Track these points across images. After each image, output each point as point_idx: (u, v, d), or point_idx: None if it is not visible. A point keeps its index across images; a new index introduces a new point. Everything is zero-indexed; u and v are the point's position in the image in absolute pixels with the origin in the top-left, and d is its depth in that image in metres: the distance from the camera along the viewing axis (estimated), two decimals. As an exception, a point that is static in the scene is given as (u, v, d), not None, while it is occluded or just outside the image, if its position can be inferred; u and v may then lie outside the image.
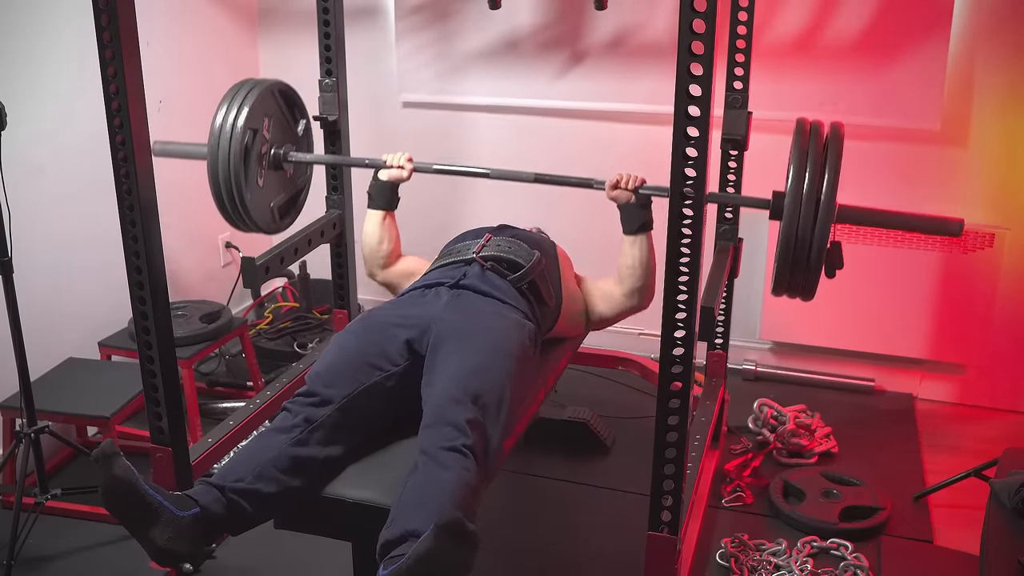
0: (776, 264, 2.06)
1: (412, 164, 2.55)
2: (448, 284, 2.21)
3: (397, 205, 2.61)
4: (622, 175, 2.35)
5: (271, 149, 2.54)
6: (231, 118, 2.40)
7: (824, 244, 1.99)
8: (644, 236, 2.37)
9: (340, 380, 1.93)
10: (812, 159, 2.00)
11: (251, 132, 2.42)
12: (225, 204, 2.45)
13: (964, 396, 3.33)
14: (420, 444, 1.79)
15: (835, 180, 1.99)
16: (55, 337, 2.86)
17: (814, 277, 2.04)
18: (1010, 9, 2.96)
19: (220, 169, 2.40)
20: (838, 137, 2.04)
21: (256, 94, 2.43)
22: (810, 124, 2.08)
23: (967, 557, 2.42)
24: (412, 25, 3.56)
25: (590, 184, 2.41)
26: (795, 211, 1.99)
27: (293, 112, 2.65)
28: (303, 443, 1.85)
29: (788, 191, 2.01)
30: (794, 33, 3.13)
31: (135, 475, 1.62)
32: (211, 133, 2.40)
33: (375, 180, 2.58)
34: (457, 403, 1.81)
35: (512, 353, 1.98)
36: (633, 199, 2.34)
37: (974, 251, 3.12)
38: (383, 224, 2.57)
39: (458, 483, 1.70)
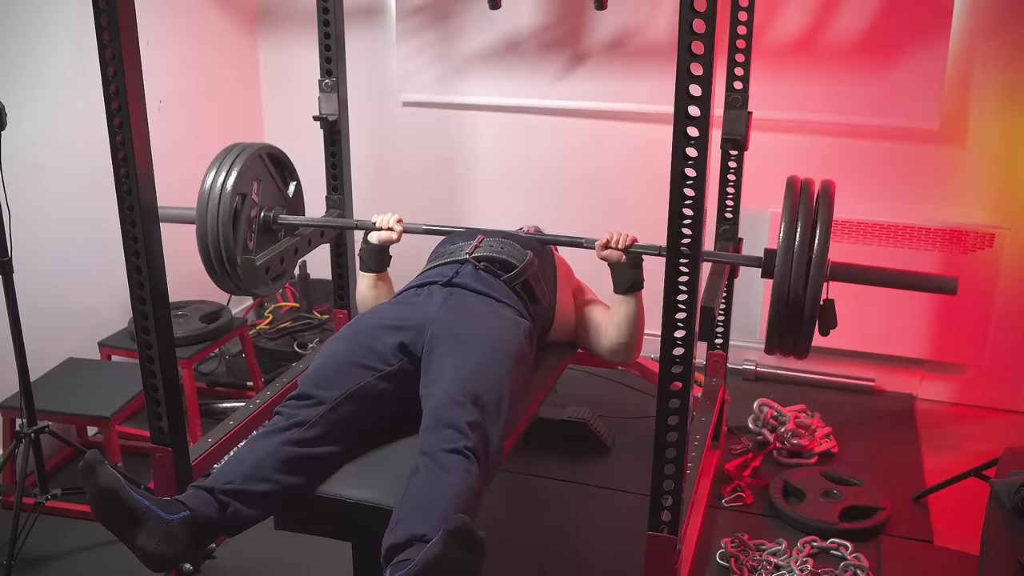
0: (768, 323, 2.05)
1: (401, 226, 2.50)
2: (441, 283, 2.20)
3: (389, 265, 2.57)
4: (612, 234, 2.30)
5: (260, 212, 2.53)
6: (219, 182, 2.38)
7: (816, 302, 1.98)
8: (633, 296, 2.34)
9: (332, 382, 1.93)
10: (803, 217, 1.99)
11: (239, 196, 2.41)
12: (214, 267, 2.43)
13: (964, 396, 3.33)
14: (420, 445, 1.79)
15: (826, 238, 1.97)
16: (55, 337, 2.86)
17: (807, 336, 2.03)
18: (1009, 10, 2.96)
19: (210, 233, 2.39)
20: (829, 195, 2.03)
21: (244, 158, 2.42)
22: (800, 183, 2.08)
23: (967, 557, 2.42)
24: (413, 26, 3.56)
25: (580, 243, 2.36)
26: (786, 269, 1.98)
27: (283, 175, 2.64)
28: (295, 443, 1.85)
29: (779, 249, 2.00)
30: (794, 33, 3.13)
31: (120, 483, 1.62)
32: (200, 197, 2.39)
33: (365, 243, 2.54)
34: (457, 404, 1.81)
35: (510, 353, 1.98)
36: (624, 259, 2.29)
37: (974, 251, 3.13)
38: (376, 287, 2.54)
39: (461, 486, 1.69)
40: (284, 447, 1.83)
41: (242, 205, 2.42)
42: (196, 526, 1.70)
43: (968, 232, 3.12)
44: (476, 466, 1.75)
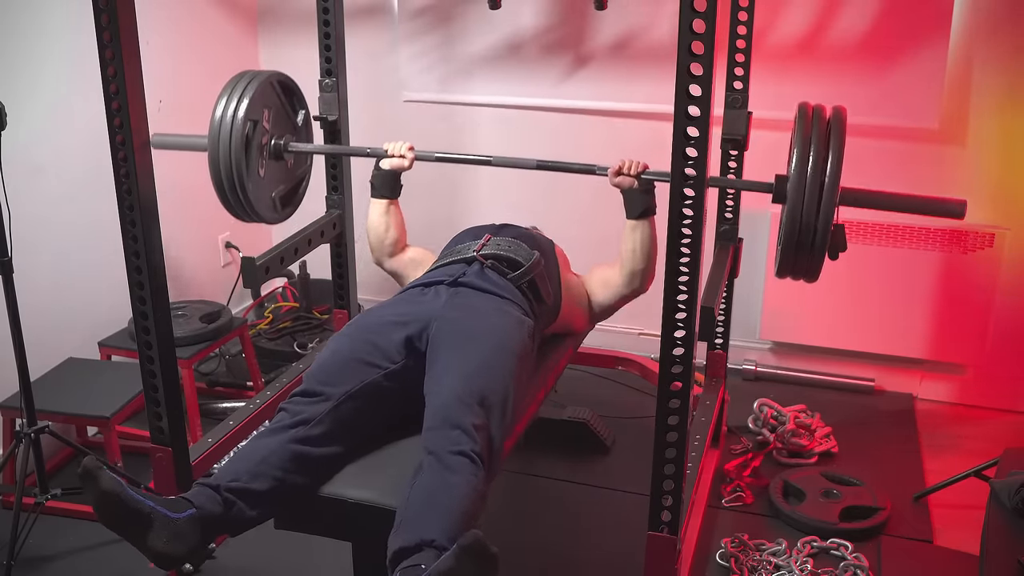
0: (780, 247, 2.07)
1: (413, 153, 2.55)
2: (447, 282, 2.21)
3: (400, 193, 2.62)
4: (624, 161, 2.36)
5: (271, 140, 2.55)
6: (231, 109, 2.40)
7: (828, 227, 1.99)
8: (646, 221, 2.39)
9: (337, 379, 1.93)
10: (815, 142, 2.01)
11: (251, 123, 2.43)
12: (227, 195, 2.46)
13: (964, 396, 3.33)
14: (425, 444, 1.79)
15: (838, 163, 1.99)
16: (55, 337, 2.86)
17: (818, 260, 2.05)
18: (1008, 10, 2.96)
19: (221, 160, 2.41)
20: (840, 120, 2.04)
21: (255, 85, 2.44)
22: (812, 108, 2.09)
23: (967, 557, 2.42)
24: (416, 28, 3.56)
25: (592, 170, 2.41)
26: (799, 194, 1.99)
27: (292, 103, 2.66)
28: (300, 441, 1.84)
29: (791, 174, 2.01)
30: (794, 33, 3.13)
31: (122, 486, 1.62)
32: (211, 125, 2.41)
33: (377, 170, 2.59)
34: (463, 405, 1.81)
35: (515, 352, 1.99)
36: (636, 185, 2.35)
37: (974, 251, 3.13)
38: (387, 213, 2.59)
39: (468, 489, 1.69)
40: (289, 445, 1.83)
41: (253, 133, 2.44)
42: (203, 524, 1.70)
43: (968, 232, 3.12)
44: (481, 469, 1.75)
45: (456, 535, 1.57)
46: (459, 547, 1.51)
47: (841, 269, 3.26)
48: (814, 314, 3.36)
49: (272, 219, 2.62)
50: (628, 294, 2.49)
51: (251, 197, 2.46)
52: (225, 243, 3.73)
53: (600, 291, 2.52)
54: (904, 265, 3.20)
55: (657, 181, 2.34)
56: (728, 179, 2.68)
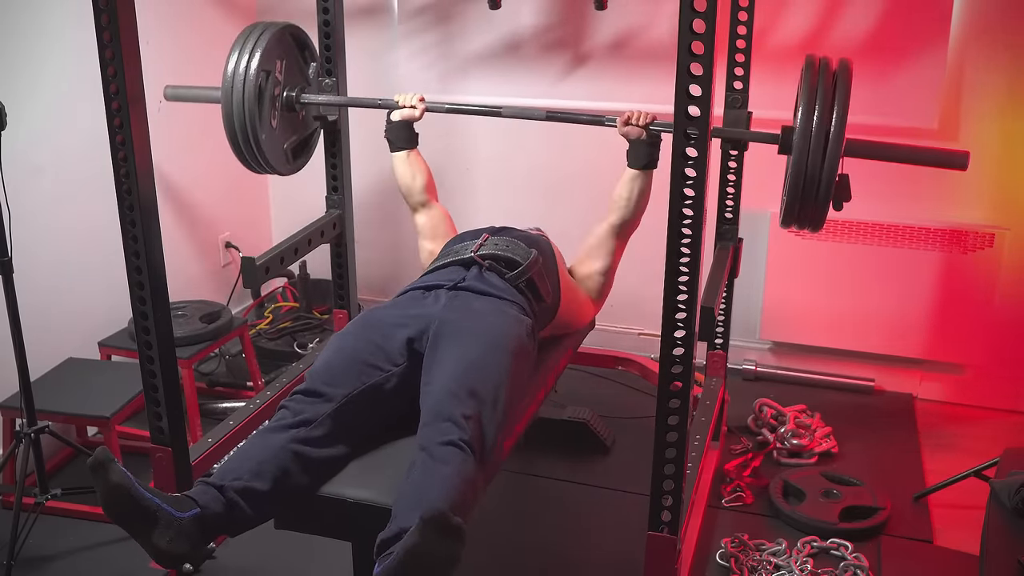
0: (786, 196, 2.09)
1: (424, 104, 2.60)
2: (447, 286, 2.21)
3: (417, 142, 2.68)
4: (633, 111, 2.40)
5: (284, 91, 2.57)
6: (244, 60, 2.42)
7: (833, 177, 2.01)
8: (647, 173, 2.44)
9: (340, 379, 1.93)
10: (821, 93, 2.02)
11: (264, 74, 2.44)
12: (240, 146, 2.48)
13: (964, 396, 3.33)
14: (418, 441, 1.80)
15: (844, 113, 2.01)
16: (55, 337, 2.86)
17: (823, 209, 2.07)
18: (1008, 11, 2.96)
19: (235, 111, 2.43)
20: (847, 72, 2.06)
21: (268, 36, 2.45)
22: (819, 60, 2.10)
23: (967, 557, 2.42)
24: (415, 27, 3.56)
25: (602, 121, 2.44)
26: (805, 144, 2.00)
27: (304, 55, 2.67)
28: (301, 442, 1.85)
29: (797, 125, 2.03)
30: (794, 34, 3.13)
31: (131, 480, 1.63)
32: (224, 75, 2.43)
33: (389, 123, 2.64)
34: (453, 397, 1.82)
35: (508, 348, 1.98)
36: (644, 135, 2.39)
37: (974, 251, 3.13)
38: (409, 160, 2.65)
39: (455, 477, 1.70)
40: (290, 445, 1.83)
41: (266, 83, 2.45)
42: (205, 524, 1.71)
43: (968, 232, 3.12)
44: (472, 457, 1.75)
45: None
46: (421, 520, 1.52)
47: (841, 269, 3.28)
48: (814, 314, 3.36)
49: (285, 170, 2.65)
50: (616, 247, 2.55)
51: (264, 148, 2.49)
52: (225, 243, 3.73)
53: (593, 262, 2.57)
54: (904, 265, 3.20)
55: (664, 132, 2.38)
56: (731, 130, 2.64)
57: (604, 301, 2.65)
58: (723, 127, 2.60)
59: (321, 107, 2.73)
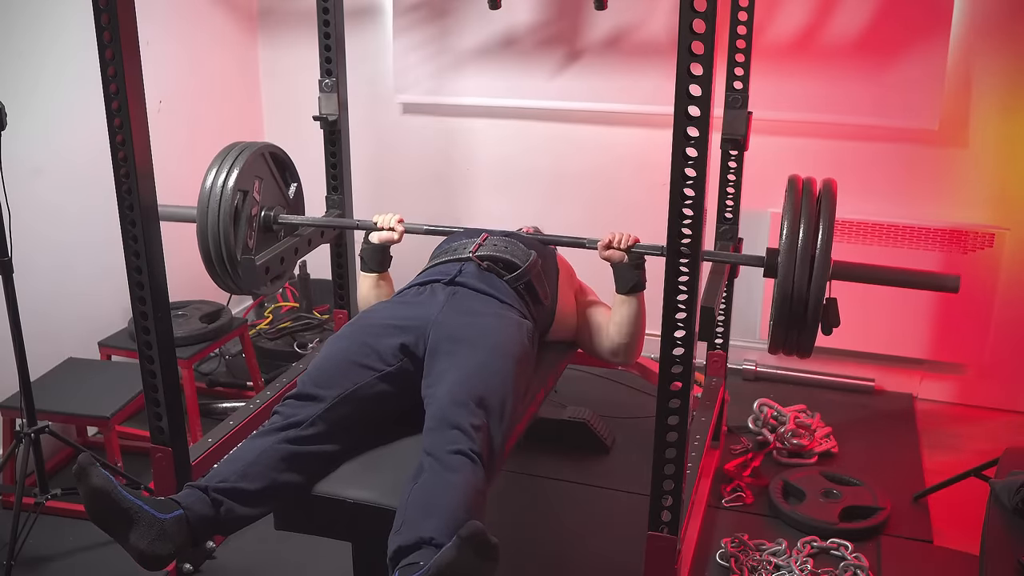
0: (772, 322, 2.05)
1: (403, 226, 2.50)
2: (444, 281, 2.20)
3: (389, 265, 2.57)
4: (615, 235, 2.30)
5: (261, 211, 2.52)
6: (221, 179, 2.37)
7: (820, 301, 1.98)
8: (635, 297, 2.33)
9: (331, 381, 1.93)
10: (805, 216, 1.99)
11: (241, 194, 2.40)
12: (215, 266, 2.42)
13: (964, 396, 3.33)
14: (424, 446, 1.79)
15: (829, 237, 1.97)
16: (55, 337, 2.86)
17: (811, 335, 2.03)
18: (1008, 10, 2.96)
19: (210, 231, 2.38)
20: (831, 194, 2.02)
21: (246, 156, 2.42)
22: (802, 181, 2.07)
23: (967, 557, 2.42)
24: (410, 23, 3.55)
25: (582, 244, 2.36)
26: (789, 269, 1.97)
27: (284, 175, 2.63)
28: (292, 441, 1.85)
29: (782, 248, 1.99)
30: (794, 33, 3.13)
31: (112, 483, 1.63)
32: (200, 194, 2.38)
33: (366, 243, 2.53)
34: (461, 406, 1.81)
35: (513, 354, 1.98)
36: (626, 259, 2.29)
37: (974, 251, 3.12)
38: (378, 286, 2.53)
39: (467, 488, 1.69)
40: (280, 445, 1.83)
41: (243, 203, 2.41)
42: (190, 524, 1.71)
43: (968, 232, 3.12)
44: (481, 468, 1.75)
45: (455, 531, 1.57)
46: (459, 538, 1.51)
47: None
48: (814, 314, 3.36)
49: (261, 291, 2.57)
50: (610, 363, 2.51)
51: (239, 268, 2.42)
52: (225, 243, 3.73)
53: (590, 339, 2.48)
54: (905, 264, 3.19)
55: (648, 254, 2.28)
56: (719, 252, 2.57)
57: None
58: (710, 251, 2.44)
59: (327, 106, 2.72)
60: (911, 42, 3.03)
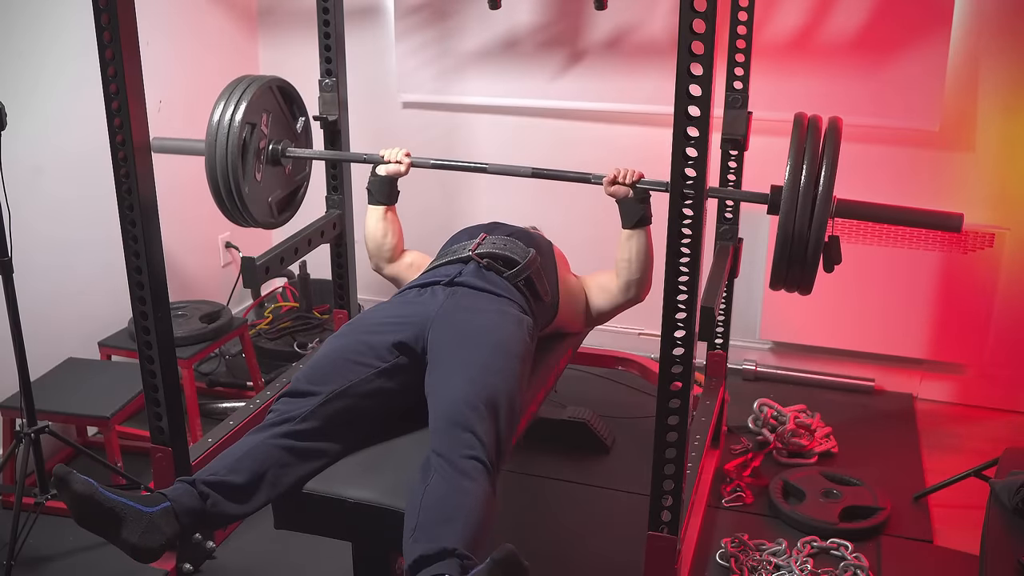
0: (774, 258, 2.06)
1: (410, 159, 2.55)
2: (444, 282, 2.21)
3: (397, 199, 2.62)
4: (619, 170, 2.34)
5: (269, 144, 2.54)
6: (229, 113, 2.39)
7: (821, 238, 1.99)
8: (642, 231, 2.37)
9: (325, 377, 1.93)
10: (810, 154, 2.00)
11: (249, 127, 2.42)
12: (223, 198, 2.45)
13: (964, 396, 3.33)
14: (433, 446, 1.78)
15: (832, 174, 1.98)
16: (55, 337, 2.86)
17: (811, 272, 2.04)
18: (1010, 9, 2.96)
19: (218, 163, 2.40)
20: (836, 132, 2.03)
21: (255, 89, 2.43)
22: (808, 119, 2.08)
23: (967, 557, 2.42)
24: (412, 25, 3.56)
25: (588, 179, 2.40)
26: (792, 206, 1.98)
27: (292, 109, 2.65)
28: (284, 436, 1.85)
29: (785, 186, 2.00)
30: (794, 33, 3.13)
31: (93, 486, 1.64)
32: (209, 128, 2.40)
33: (373, 176, 2.58)
34: (472, 409, 1.80)
35: (517, 353, 1.99)
36: (631, 194, 2.33)
37: (974, 251, 3.12)
38: (385, 219, 2.58)
39: (484, 496, 1.70)
40: (272, 440, 1.84)
41: (251, 136, 2.43)
42: (177, 516, 1.71)
43: (968, 232, 3.12)
44: (492, 473, 1.75)
45: (475, 543, 1.58)
46: (492, 561, 1.50)
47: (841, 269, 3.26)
48: (814, 314, 3.36)
49: (268, 224, 2.62)
50: (623, 303, 2.49)
51: (247, 201, 2.45)
52: (225, 243, 3.73)
53: (597, 296, 2.51)
54: (904, 265, 3.20)
55: (652, 190, 2.33)
56: (724, 189, 2.67)
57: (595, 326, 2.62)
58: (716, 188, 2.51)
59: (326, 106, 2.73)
60: (912, 42, 3.03)
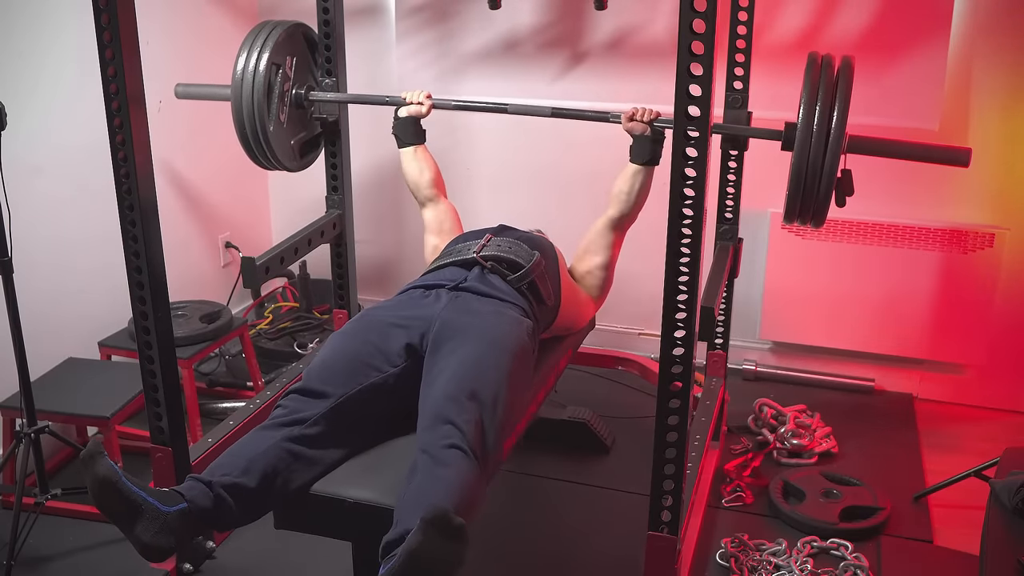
0: (788, 192, 2.11)
1: (431, 100, 2.65)
2: (448, 287, 2.21)
3: (425, 139, 2.71)
4: (638, 108, 2.44)
5: (293, 88, 2.60)
6: (255, 55, 2.46)
7: (834, 172, 2.04)
8: (649, 169, 2.48)
9: (337, 378, 1.93)
10: (823, 90, 2.05)
11: (275, 68, 2.47)
12: (249, 139, 2.52)
13: (964, 396, 3.33)
14: (419, 444, 1.79)
15: (845, 109, 2.04)
16: (55, 337, 2.86)
17: (824, 204, 2.10)
18: (1010, 10, 2.96)
19: (244, 104, 2.47)
20: (848, 69, 2.08)
21: (280, 32, 2.49)
22: (822, 57, 2.11)
23: (967, 557, 2.42)
24: (412, 25, 3.56)
25: (607, 118, 2.48)
26: (806, 140, 2.04)
27: (315, 56, 2.69)
28: (295, 439, 1.85)
29: (799, 121, 2.06)
30: (794, 33, 3.13)
31: (118, 473, 1.63)
32: (235, 69, 2.46)
33: (396, 119, 2.68)
34: (453, 401, 1.81)
35: (509, 349, 1.98)
36: (648, 132, 2.43)
37: (974, 251, 3.12)
38: (416, 156, 2.68)
39: (458, 480, 1.70)
40: (283, 443, 1.83)
41: (276, 78, 2.48)
42: (192, 519, 1.71)
43: (968, 232, 3.12)
44: (474, 461, 1.75)
45: None
46: (422, 520, 1.51)
47: (841, 269, 3.28)
48: (814, 314, 3.36)
49: (292, 167, 2.70)
50: (615, 239, 2.56)
51: (272, 143, 2.52)
52: (225, 243, 3.73)
53: (588, 258, 2.58)
54: (904, 265, 3.20)
55: (668, 128, 2.38)
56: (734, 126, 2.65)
57: (604, 299, 2.66)
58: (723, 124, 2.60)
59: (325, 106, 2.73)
60: (911, 43, 3.03)
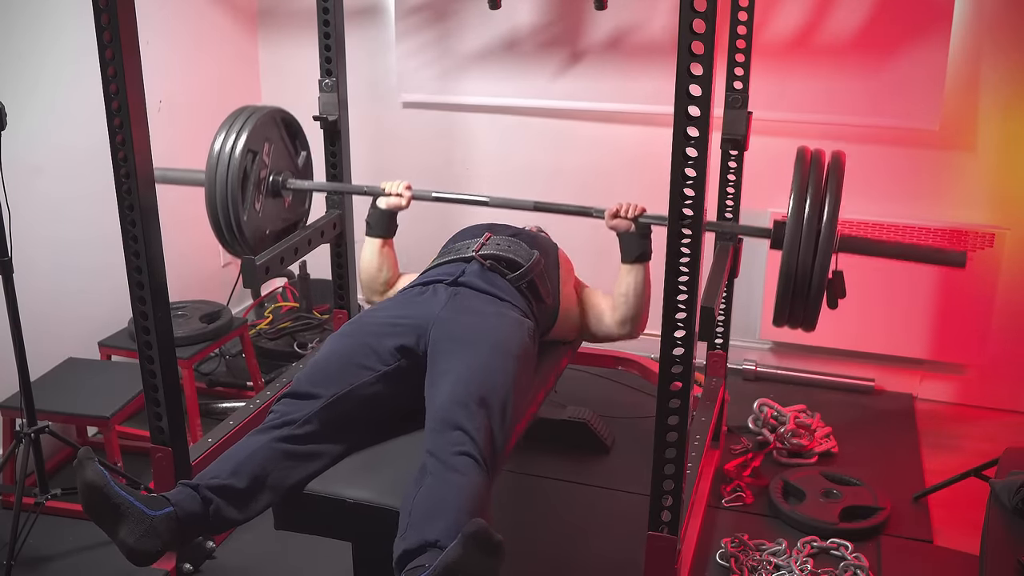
0: (777, 294, 2.04)
1: (411, 192, 2.54)
2: (447, 282, 2.20)
3: (395, 232, 2.60)
4: (622, 204, 2.33)
5: (270, 175, 2.52)
6: (231, 140, 2.37)
7: (825, 274, 1.98)
8: (641, 266, 2.35)
9: (327, 379, 1.93)
10: (812, 188, 1.99)
11: (251, 154, 2.39)
12: (221, 228, 2.43)
13: (964, 396, 3.33)
14: (427, 447, 1.78)
15: (836, 210, 1.97)
16: (55, 337, 2.86)
17: (815, 308, 2.02)
18: (1010, 9, 2.96)
19: (218, 191, 2.37)
20: (839, 166, 2.02)
21: (257, 118, 2.42)
22: (811, 153, 2.07)
23: (967, 557, 2.42)
24: (412, 25, 3.55)
25: (589, 213, 2.38)
26: (795, 241, 1.97)
27: (294, 143, 2.63)
28: (285, 440, 1.85)
29: (788, 221, 1.99)
30: (794, 33, 3.13)
31: (105, 478, 1.64)
32: (210, 155, 2.37)
33: (373, 208, 2.57)
34: (463, 407, 1.80)
35: (514, 353, 1.98)
36: (632, 228, 2.32)
37: (974, 251, 3.12)
38: (381, 252, 2.57)
39: (472, 489, 1.69)
40: (273, 444, 1.84)
41: (252, 165, 2.39)
42: (179, 522, 1.71)
43: (968, 232, 3.12)
44: (484, 469, 1.75)
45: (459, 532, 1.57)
46: (463, 536, 1.51)
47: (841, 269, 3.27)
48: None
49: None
50: (616, 337, 2.48)
51: (245, 231, 2.42)
52: (225, 243, 3.73)
53: (592, 323, 2.49)
54: (904, 265, 3.19)
55: (654, 224, 2.31)
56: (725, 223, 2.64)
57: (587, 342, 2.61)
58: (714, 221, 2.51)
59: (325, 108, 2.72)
60: (912, 42, 3.03)
